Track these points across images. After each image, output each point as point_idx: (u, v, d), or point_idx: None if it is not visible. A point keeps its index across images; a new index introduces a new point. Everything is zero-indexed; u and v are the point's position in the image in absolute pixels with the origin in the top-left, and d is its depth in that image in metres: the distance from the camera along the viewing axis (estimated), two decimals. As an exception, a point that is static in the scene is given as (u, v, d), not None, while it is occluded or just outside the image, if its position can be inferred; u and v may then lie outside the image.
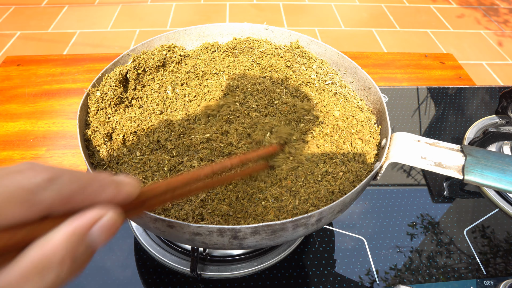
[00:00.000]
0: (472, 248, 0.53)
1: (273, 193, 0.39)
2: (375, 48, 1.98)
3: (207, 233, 0.33)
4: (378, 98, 0.49)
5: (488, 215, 0.58)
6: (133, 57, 0.53)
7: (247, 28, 0.61)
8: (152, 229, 0.35)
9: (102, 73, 0.49)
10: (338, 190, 0.40)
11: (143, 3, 2.28)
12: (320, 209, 0.34)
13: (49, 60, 0.86)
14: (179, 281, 0.47)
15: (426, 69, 0.90)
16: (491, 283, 0.49)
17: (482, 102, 0.80)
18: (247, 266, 0.49)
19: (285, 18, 2.20)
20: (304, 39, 0.59)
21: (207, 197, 0.38)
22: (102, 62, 0.85)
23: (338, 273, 0.49)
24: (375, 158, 0.44)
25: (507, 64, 1.91)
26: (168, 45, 0.57)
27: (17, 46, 1.87)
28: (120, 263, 0.49)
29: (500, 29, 2.20)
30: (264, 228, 0.33)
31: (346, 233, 0.54)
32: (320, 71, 0.56)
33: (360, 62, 0.89)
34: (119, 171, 0.42)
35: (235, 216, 0.36)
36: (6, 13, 2.13)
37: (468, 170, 0.37)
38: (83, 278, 0.47)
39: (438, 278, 0.49)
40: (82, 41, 1.93)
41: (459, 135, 0.72)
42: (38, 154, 0.64)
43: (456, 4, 2.44)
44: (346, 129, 0.47)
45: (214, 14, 2.21)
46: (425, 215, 0.57)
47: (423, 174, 0.64)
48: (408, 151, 0.40)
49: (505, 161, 0.38)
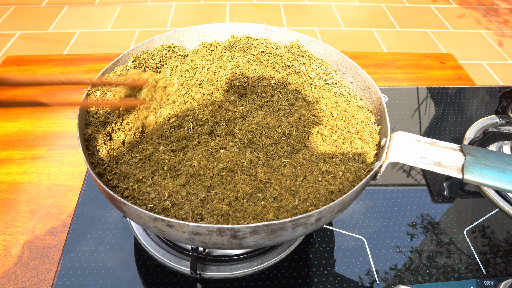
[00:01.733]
0: (472, 248, 0.53)
1: (272, 193, 0.39)
2: (375, 48, 1.98)
3: (206, 232, 0.33)
4: (378, 98, 0.49)
5: (488, 215, 0.58)
6: (133, 57, 0.53)
7: (247, 28, 0.61)
8: (151, 229, 0.35)
9: (102, 73, 0.49)
10: (338, 190, 0.40)
11: (143, 3, 2.29)
12: (319, 209, 0.34)
13: (49, 60, 0.86)
14: (179, 281, 0.47)
15: (426, 69, 0.90)
16: (491, 283, 0.49)
17: (482, 102, 0.80)
18: (247, 266, 0.49)
19: (285, 18, 2.20)
20: (304, 39, 0.59)
21: (206, 197, 0.38)
22: (102, 62, 0.85)
23: (338, 273, 0.49)
24: (375, 157, 0.44)
25: (507, 64, 1.91)
26: (168, 45, 0.57)
27: (17, 46, 1.87)
28: (120, 263, 0.49)
29: (500, 29, 2.20)
30: (264, 228, 0.33)
31: (346, 233, 0.54)
32: (320, 71, 0.56)
33: (360, 62, 0.89)
34: (119, 171, 0.42)
35: (235, 215, 0.36)
36: (6, 13, 2.13)
37: (467, 170, 0.37)
38: (83, 278, 0.47)
39: (438, 278, 0.49)
40: (82, 41, 1.93)
41: (459, 135, 0.72)
42: (38, 154, 0.64)
43: (456, 4, 2.44)
44: (346, 128, 0.47)
45: (214, 14, 2.21)
46: (425, 215, 0.57)
47: (423, 174, 0.64)
48: (408, 151, 0.40)
49: (504, 160, 0.38)
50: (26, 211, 0.55)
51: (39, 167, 0.62)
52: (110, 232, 0.52)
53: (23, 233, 0.53)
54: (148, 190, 0.38)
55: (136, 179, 0.40)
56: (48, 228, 0.53)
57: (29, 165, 0.62)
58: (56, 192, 0.58)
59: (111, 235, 0.52)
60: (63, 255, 0.49)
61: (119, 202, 0.34)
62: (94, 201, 0.56)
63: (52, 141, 0.67)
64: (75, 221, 0.53)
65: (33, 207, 0.56)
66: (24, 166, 0.62)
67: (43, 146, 0.66)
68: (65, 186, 0.59)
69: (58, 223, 0.54)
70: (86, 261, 0.49)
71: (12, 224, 0.54)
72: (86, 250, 0.50)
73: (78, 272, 0.47)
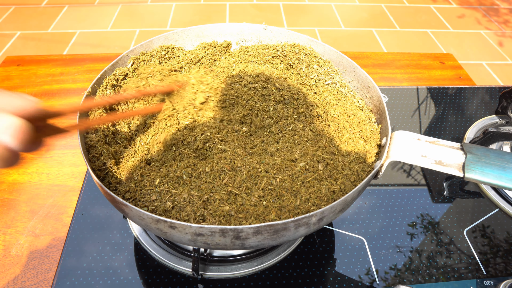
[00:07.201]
0: (472, 248, 0.53)
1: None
2: (375, 48, 1.98)
3: (209, 233, 0.32)
4: (378, 97, 0.49)
5: (488, 215, 0.58)
6: (133, 59, 0.53)
7: (246, 28, 0.61)
8: (153, 230, 0.35)
9: (102, 74, 0.49)
10: (339, 190, 0.40)
11: (143, 3, 2.28)
12: (321, 209, 0.34)
13: (49, 60, 0.86)
14: (179, 281, 0.47)
15: (426, 69, 0.90)
16: (491, 283, 0.49)
17: (482, 102, 0.80)
18: (247, 266, 0.49)
19: (285, 18, 2.20)
20: (303, 39, 0.59)
21: (210, 198, 0.38)
22: (102, 62, 0.85)
23: (338, 273, 0.49)
24: (376, 157, 0.44)
25: (507, 64, 1.91)
26: (167, 46, 0.57)
27: (17, 46, 1.87)
28: (120, 263, 0.49)
29: (500, 29, 2.20)
30: (266, 228, 0.32)
31: (346, 233, 0.54)
32: (321, 71, 0.56)
33: (360, 62, 0.89)
34: (119, 171, 0.42)
35: (237, 216, 0.36)
36: (6, 13, 2.13)
37: (468, 168, 0.37)
38: (83, 278, 0.47)
39: (438, 278, 0.49)
40: (82, 41, 1.93)
41: (459, 135, 0.72)
42: (38, 154, 0.64)
43: (456, 4, 2.44)
44: (346, 128, 0.47)
45: (214, 14, 2.21)
46: (425, 215, 0.57)
47: (423, 174, 0.64)
48: (409, 150, 0.40)
49: (505, 158, 0.38)
50: (26, 211, 0.55)
51: (39, 167, 0.62)
52: (110, 232, 0.52)
53: (23, 233, 0.52)
54: (149, 192, 0.38)
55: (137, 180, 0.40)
56: (48, 228, 0.53)
57: (29, 165, 0.62)
58: (56, 192, 0.58)
59: (111, 235, 0.52)
60: (63, 255, 0.49)
61: (121, 204, 0.34)
62: (94, 201, 0.56)
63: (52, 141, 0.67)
64: (75, 221, 0.53)
65: (33, 207, 0.56)
66: (24, 166, 0.62)
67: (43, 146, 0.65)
68: (65, 186, 0.59)
69: (58, 223, 0.54)
70: (86, 261, 0.48)
71: (12, 224, 0.54)
72: (86, 250, 0.50)
73: (78, 272, 0.47)
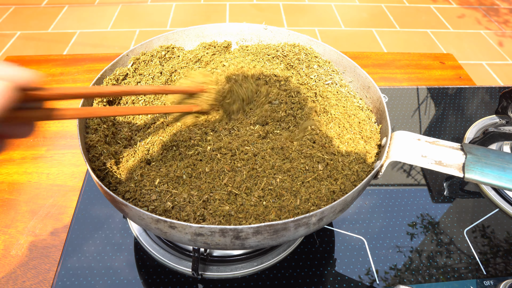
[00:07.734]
0: (472, 248, 0.53)
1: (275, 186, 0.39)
2: (375, 48, 1.98)
3: (209, 233, 0.32)
4: (378, 97, 0.49)
5: (488, 215, 0.58)
6: (133, 59, 0.53)
7: (246, 28, 0.61)
8: (153, 230, 0.35)
9: (102, 74, 0.49)
10: (339, 190, 0.39)
11: (143, 3, 2.28)
12: (321, 209, 0.34)
13: (49, 60, 0.86)
14: (179, 281, 0.47)
15: (426, 69, 0.90)
16: (491, 283, 0.49)
17: (482, 102, 0.80)
18: (247, 266, 0.49)
19: (285, 18, 2.20)
20: (303, 38, 0.59)
21: (209, 198, 0.38)
22: (102, 62, 0.85)
23: (338, 273, 0.49)
24: (376, 157, 0.44)
25: (507, 64, 1.91)
26: (167, 46, 0.57)
27: (17, 46, 1.87)
28: (120, 263, 0.49)
29: (501, 29, 2.20)
30: (266, 228, 0.32)
31: (346, 233, 0.54)
32: (321, 71, 0.56)
33: (360, 62, 0.89)
34: (119, 171, 0.42)
35: (237, 216, 0.36)
36: (6, 13, 2.13)
37: (468, 168, 0.37)
38: (83, 278, 0.47)
39: (438, 278, 0.49)
40: (82, 41, 1.93)
41: (459, 135, 0.72)
42: (38, 154, 0.64)
43: (456, 4, 2.44)
44: (347, 128, 0.47)
45: (214, 14, 2.21)
46: (425, 215, 0.57)
47: (423, 174, 0.64)
48: (409, 150, 0.40)
49: (505, 159, 0.38)
50: (26, 211, 0.55)
51: (39, 167, 0.62)
52: (110, 232, 0.52)
53: (23, 233, 0.52)
54: (149, 191, 0.38)
55: (137, 180, 0.40)
56: (48, 228, 0.53)
57: (29, 165, 0.62)
58: (56, 192, 0.58)
59: (111, 235, 0.52)
60: (63, 255, 0.49)
61: (121, 204, 0.34)
62: (94, 201, 0.56)
63: (52, 141, 0.67)
64: (75, 221, 0.53)
65: (33, 207, 0.56)
66: (24, 166, 0.62)
67: (43, 146, 0.66)
68: (65, 186, 0.59)
69: (58, 223, 0.54)
70: (86, 261, 0.48)
71: (12, 224, 0.54)
72: (86, 250, 0.50)
73: (78, 272, 0.47)
